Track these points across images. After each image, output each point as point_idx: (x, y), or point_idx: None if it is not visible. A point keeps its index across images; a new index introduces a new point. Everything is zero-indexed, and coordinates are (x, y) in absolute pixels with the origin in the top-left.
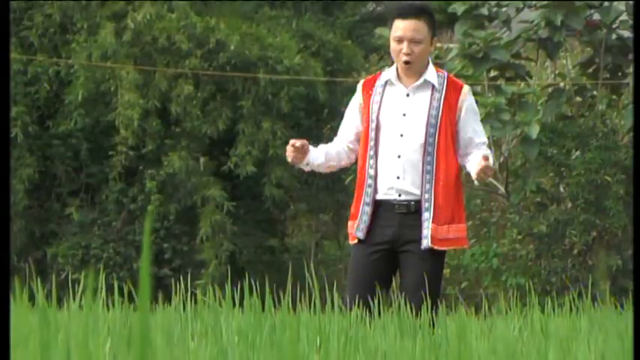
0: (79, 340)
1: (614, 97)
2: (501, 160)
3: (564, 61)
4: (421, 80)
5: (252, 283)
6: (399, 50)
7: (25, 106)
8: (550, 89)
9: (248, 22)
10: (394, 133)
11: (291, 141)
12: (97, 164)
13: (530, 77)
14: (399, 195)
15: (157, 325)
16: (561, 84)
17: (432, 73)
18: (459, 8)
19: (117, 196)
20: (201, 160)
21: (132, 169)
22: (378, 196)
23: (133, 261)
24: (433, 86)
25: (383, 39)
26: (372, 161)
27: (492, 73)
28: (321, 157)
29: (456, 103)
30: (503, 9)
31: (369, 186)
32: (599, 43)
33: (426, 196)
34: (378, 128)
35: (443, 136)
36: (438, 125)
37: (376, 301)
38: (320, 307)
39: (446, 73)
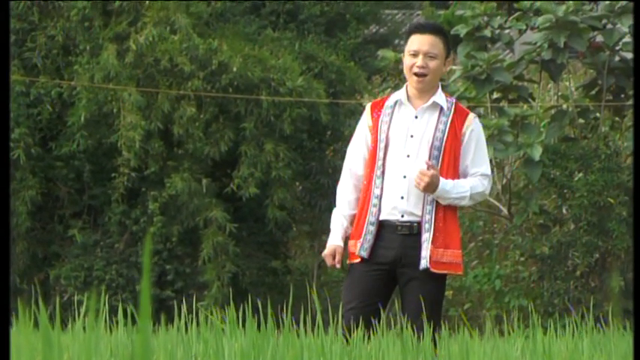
0: None
1: (616, 119)
2: (504, 181)
3: (567, 83)
4: (430, 102)
5: (255, 304)
6: (412, 64)
7: (27, 128)
8: (553, 111)
9: (251, 44)
10: (401, 153)
11: (326, 258)
12: (99, 186)
13: (533, 99)
14: (402, 216)
15: (159, 346)
16: (564, 106)
17: (441, 97)
18: (462, 30)
19: (119, 218)
20: (204, 181)
21: (134, 190)
22: (382, 217)
23: (136, 283)
24: (441, 109)
25: (385, 61)
26: (378, 181)
27: (495, 95)
28: (350, 216)
29: (462, 129)
30: (506, 31)
31: (374, 205)
32: (602, 65)
33: (427, 217)
34: (386, 148)
35: (447, 159)
36: (443, 148)
37: (376, 319)
38: (323, 329)
39: (454, 99)
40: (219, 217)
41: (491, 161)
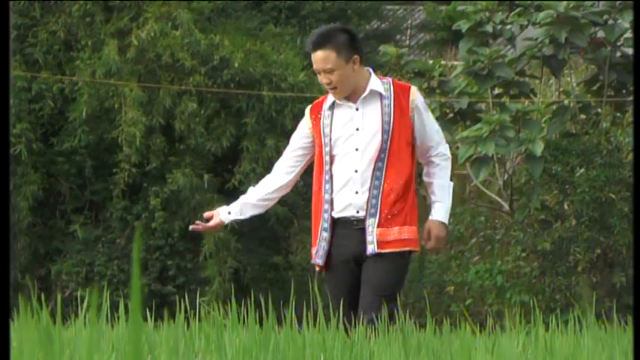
0: (83, 357)
1: (618, 114)
2: (506, 177)
3: (569, 79)
4: (367, 91)
5: (257, 300)
6: (320, 80)
7: (29, 123)
8: (554, 107)
9: (252, 40)
10: (349, 148)
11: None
12: (101, 181)
13: (535, 95)
14: (357, 212)
15: (161, 341)
16: (566, 101)
17: (376, 82)
18: (463, 26)
19: (121, 214)
20: (205, 177)
21: (136, 186)
22: (337, 214)
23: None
24: (381, 94)
25: (387, 56)
26: (327, 185)
27: (497, 91)
28: (245, 197)
29: (407, 105)
30: (508, 27)
31: (326, 211)
32: (604, 60)
33: (373, 201)
34: (332, 149)
35: (396, 141)
36: (391, 132)
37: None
38: (324, 324)
39: (390, 79)
40: None
41: (492, 157)
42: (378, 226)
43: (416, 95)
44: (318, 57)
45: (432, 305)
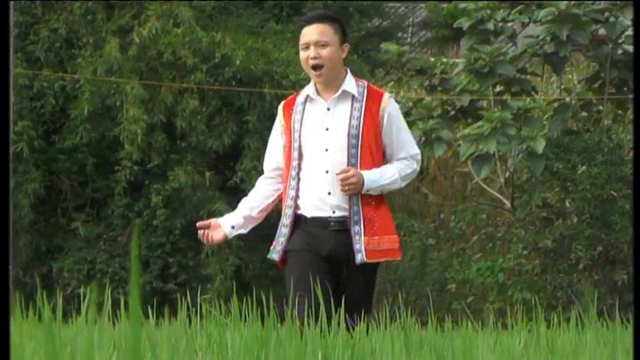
0: (84, 355)
1: (619, 112)
2: (507, 175)
3: (570, 76)
4: (340, 92)
5: (258, 297)
6: (306, 57)
7: (30, 121)
8: (556, 104)
9: (254, 37)
10: (319, 148)
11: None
12: (102, 179)
13: (536, 92)
14: (334, 212)
15: (162, 339)
16: (567, 99)
17: (350, 84)
18: (464, 23)
19: (122, 211)
20: (207, 174)
21: (137, 183)
22: (309, 214)
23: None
24: (353, 96)
25: (389, 54)
26: (293, 182)
27: (498, 88)
28: (244, 210)
29: (378, 112)
30: (509, 24)
31: (289, 207)
32: (605, 58)
33: (355, 209)
34: (301, 146)
35: (366, 146)
36: (360, 136)
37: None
38: (326, 321)
39: (366, 83)
40: (223, 210)
41: (494, 154)
42: (365, 235)
43: (388, 103)
44: (316, 29)
45: (433, 303)
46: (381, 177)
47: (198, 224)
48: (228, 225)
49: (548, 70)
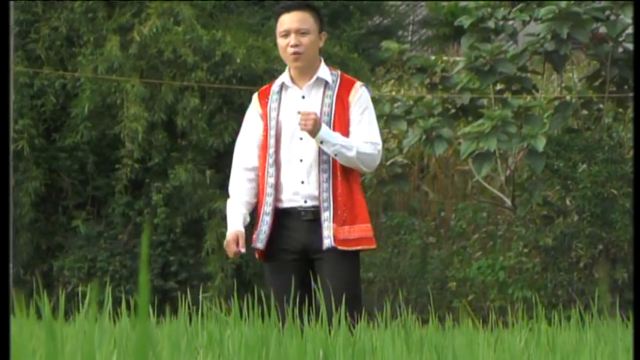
0: (85, 353)
1: (620, 110)
2: (508, 173)
3: (570, 75)
4: (314, 79)
5: (259, 295)
6: (286, 45)
7: (31, 119)
8: (556, 102)
9: (254, 35)
10: (294, 137)
11: (229, 245)
12: (103, 177)
13: (537, 90)
14: (305, 201)
15: (163, 337)
16: (568, 97)
17: (324, 71)
18: (465, 21)
19: (123, 209)
20: (208, 172)
21: (138, 182)
22: (283, 205)
23: (139, 274)
24: (326, 83)
25: (389, 52)
26: (271, 170)
27: (499, 86)
28: (247, 203)
29: (348, 98)
30: (510, 22)
31: (269, 195)
32: (606, 56)
33: (325, 195)
34: (278, 134)
35: (337, 132)
36: (332, 123)
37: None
38: (326, 320)
39: (339, 72)
40: (223, 208)
41: (494, 153)
42: (334, 222)
43: (359, 91)
44: (297, 17)
45: (434, 301)
46: (339, 137)
47: (233, 253)
48: (241, 231)
49: (548, 69)
